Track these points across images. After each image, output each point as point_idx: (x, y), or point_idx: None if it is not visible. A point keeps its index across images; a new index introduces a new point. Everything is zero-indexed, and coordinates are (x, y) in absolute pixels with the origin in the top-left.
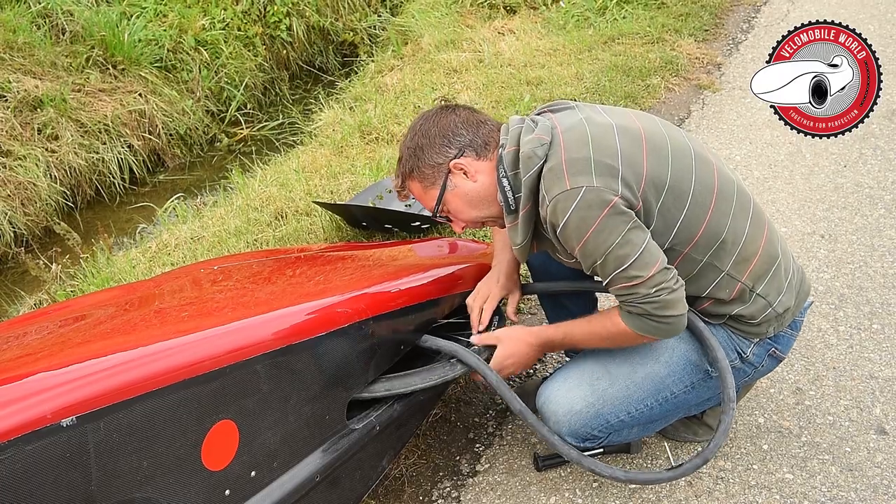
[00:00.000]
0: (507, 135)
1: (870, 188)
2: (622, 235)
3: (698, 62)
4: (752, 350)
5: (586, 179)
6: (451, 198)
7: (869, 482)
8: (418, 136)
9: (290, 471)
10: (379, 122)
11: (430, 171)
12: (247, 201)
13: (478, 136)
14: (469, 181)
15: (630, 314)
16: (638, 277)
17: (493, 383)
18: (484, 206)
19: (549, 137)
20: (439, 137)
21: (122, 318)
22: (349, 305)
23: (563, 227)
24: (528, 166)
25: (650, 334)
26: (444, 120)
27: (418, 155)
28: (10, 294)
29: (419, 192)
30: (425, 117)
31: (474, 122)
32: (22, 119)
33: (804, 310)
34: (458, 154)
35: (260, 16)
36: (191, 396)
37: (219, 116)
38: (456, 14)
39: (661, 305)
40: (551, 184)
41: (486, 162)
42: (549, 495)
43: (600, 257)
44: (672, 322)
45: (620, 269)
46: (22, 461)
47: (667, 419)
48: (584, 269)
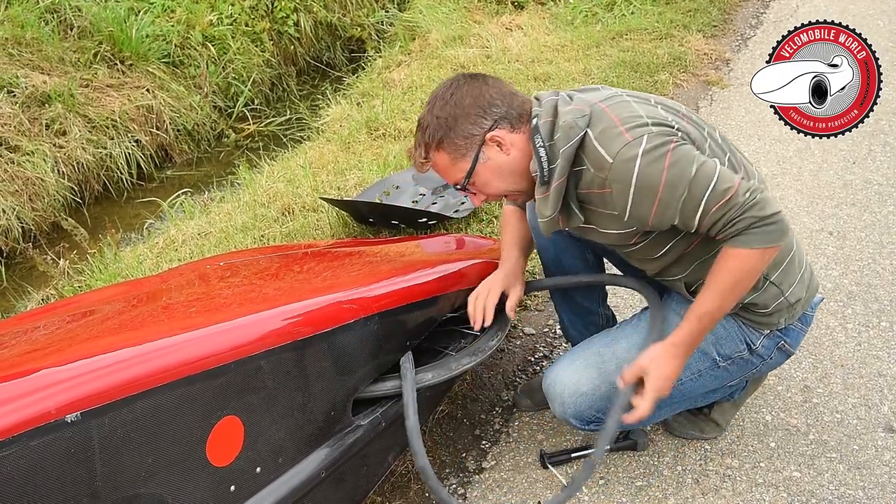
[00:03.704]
0: (541, 106)
1: (879, 185)
2: (696, 159)
3: (706, 58)
4: (762, 342)
5: (645, 129)
6: (482, 170)
7: (877, 480)
8: (450, 105)
9: (295, 467)
10: (386, 118)
11: (462, 143)
12: (254, 197)
13: (512, 107)
14: (502, 154)
15: (739, 235)
16: (729, 189)
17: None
18: (513, 179)
19: (589, 109)
20: (474, 108)
21: (128, 314)
22: (355, 301)
23: (636, 177)
24: (569, 136)
25: (769, 243)
26: (478, 90)
27: (450, 125)
28: (17, 289)
29: (445, 164)
30: (456, 86)
31: (508, 92)
32: (30, 114)
33: (814, 305)
34: (493, 126)
35: (267, 11)
36: (196, 392)
37: (226, 112)
38: (463, 10)
39: (762, 205)
40: (609, 142)
41: (520, 134)
42: (556, 493)
43: (685, 189)
44: (779, 220)
45: (710, 190)
46: (27, 457)
47: (673, 407)
48: (656, 224)
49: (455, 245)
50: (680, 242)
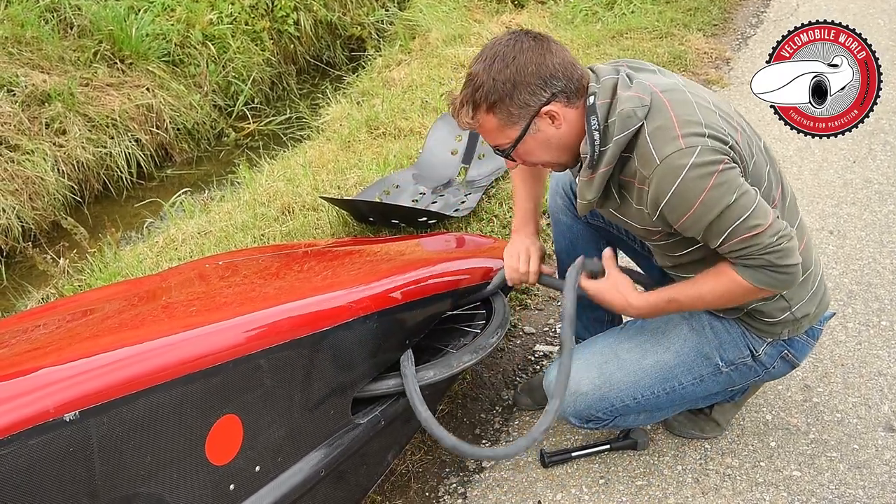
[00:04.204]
0: (599, 84)
1: (879, 184)
2: (740, 188)
3: (707, 57)
4: (765, 349)
5: (700, 140)
6: (530, 140)
7: (877, 480)
8: (510, 69)
9: (294, 465)
10: (386, 117)
11: (516, 112)
12: (254, 196)
13: (572, 80)
14: (553, 127)
15: (748, 268)
16: (759, 226)
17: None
18: (558, 153)
19: (650, 98)
20: (536, 78)
21: (128, 313)
22: (355, 300)
23: (677, 186)
24: (626, 125)
25: (770, 287)
26: (542, 57)
27: (507, 92)
28: (17, 288)
29: (492, 127)
30: (519, 47)
31: (569, 63)
32: (30, 113)
33: (823, 319)
34: (551, 99)
35: (267, 10)
36: (194, 391)
37: (226, 111)
38: (464, 8)
39: (783, 254)
40: (662, 143)
41: (573, 109)
42: (556, 492)
43: (719, 212)
44: (792, 272)
45: (741, 220)
46: (25, 456)
47: (673, 409)
48: (679, 230)
49: (455, 244)
50: (701, 250)
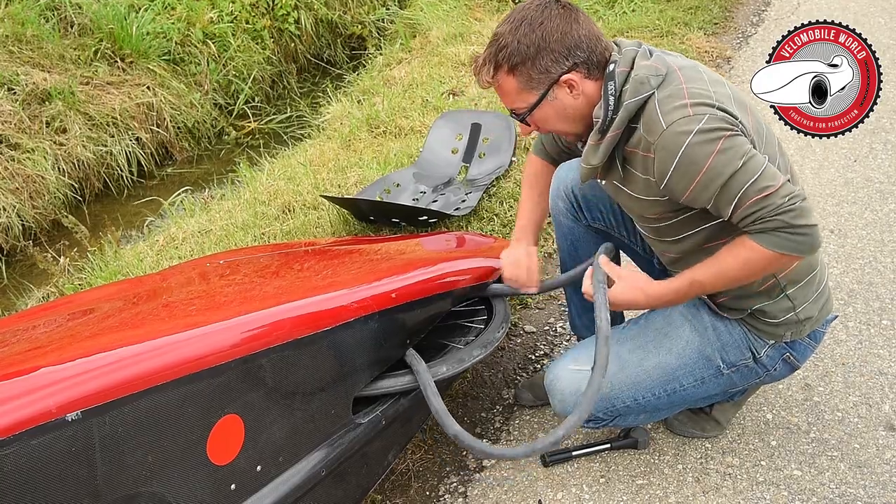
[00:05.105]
0: (621, 54)
1: (880, 183)
2: (747, 153)
3: (707, 56)
4: (767, 351)
5: (708, 110)
6: (546, 107)
7: (878, 479)
8: (536, 34)
9: (295, 465)
10: (387, 116)
11: (536, 77)
12: (254, 195)
13: (594, 52)
14: (570, 96)
15: (764, 233)
16: (769, 187)
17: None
18: (573, 123)
19: (665, 69)
20: (560, 45)
21: (129, 312)
22: (355, 300)
23: (683, 151)
24: (638, 91)
25: (790, 251)
26: (568, 26)
27: (531, 56)
28: (18, 287)
29: (510, 89)
30: (547, 14)
31: (594, 35)
32: (30, 112)
33: (826, 322)
34: (571, 68)
35: (268, 9)
36: (196, 391)
37: (227, 109)
38: (464, 7)
39: (798, 213)
40: (669, 109)
41: (592, 81)
42: (556, 491)
43: (727, 177)
44: (810, 233)
45: (750, 183)
46: (27, 456)
47: (673, 409)
48: (689, 201)
49: (455, 243)
50: (703, 233)
